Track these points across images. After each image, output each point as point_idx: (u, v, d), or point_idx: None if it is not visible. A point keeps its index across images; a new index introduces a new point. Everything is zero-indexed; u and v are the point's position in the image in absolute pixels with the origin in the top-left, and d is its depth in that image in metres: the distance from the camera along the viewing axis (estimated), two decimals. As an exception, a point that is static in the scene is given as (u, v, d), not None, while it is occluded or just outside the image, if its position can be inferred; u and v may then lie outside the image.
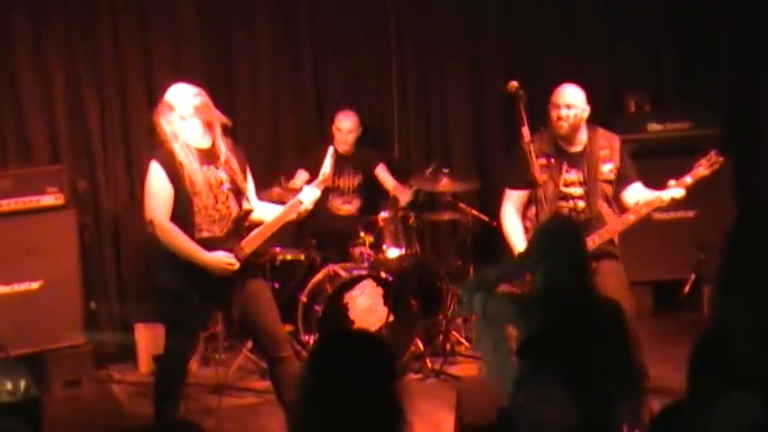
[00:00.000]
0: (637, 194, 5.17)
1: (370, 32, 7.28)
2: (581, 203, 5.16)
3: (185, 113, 4.75)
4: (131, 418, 5.66)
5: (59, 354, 6.03)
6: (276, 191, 6.20)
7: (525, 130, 4.94)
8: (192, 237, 4.74)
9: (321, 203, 6.67)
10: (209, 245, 4.76)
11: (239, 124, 6.95)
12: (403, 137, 7.37)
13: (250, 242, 4.88)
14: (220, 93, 6.78)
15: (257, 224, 4.96)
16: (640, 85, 7.30)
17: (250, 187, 4.99)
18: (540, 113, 5.24)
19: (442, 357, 6.29)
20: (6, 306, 5.81)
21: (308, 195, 4.96)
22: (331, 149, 5.11)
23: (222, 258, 4.76)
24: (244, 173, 4.94)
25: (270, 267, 6.22)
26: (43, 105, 6.47)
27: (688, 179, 5.02)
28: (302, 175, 6.70)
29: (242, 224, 4.92)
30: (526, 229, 5.17)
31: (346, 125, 6.75)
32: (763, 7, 6.91)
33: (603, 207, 5.17)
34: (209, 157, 4.81)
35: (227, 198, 4.83)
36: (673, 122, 6.91)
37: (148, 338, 6.34)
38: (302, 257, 6.50)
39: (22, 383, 5.02)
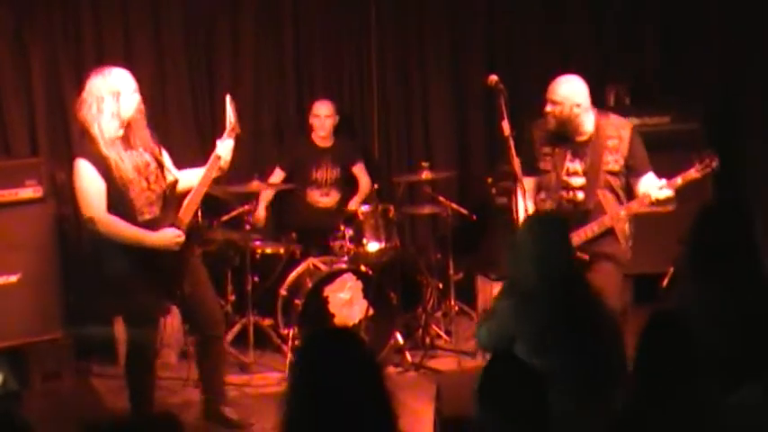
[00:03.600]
0: (647, 185, 5.00)
1: (352, 26, 7.25)
2: (580, 194, 5.03)
3: (123, 115, 4.80)
4: (111, 411, 5.65)
5: (39, 347, 6.00)
6: (255, 184, 6.20)
7: (505, 125, 4.89)
8: (136, 222, 4.81)
9: (300, 196, 6.69)
10: (153, 225, 4.85)
11: (220, 116, 6.94)
12: (382, 130, 7.36)
13: (186, 210, 4.96)
14: (202, 84, 6.80)
15: (188, 191, 5.02)
16: (623, 79, 7.25)
17: (167, 160, 5.05)
18: (525, 105, 5.20)
19: (422, 351, 6.30)
20: (-15, 299, 5.78)
21: (223, 148, 5.02)
22: (228, 98, 5.12)
23: (170, 235, 4.85)
24: (159, 148, 5.02)
25: (250, 260, 6.20)
26: (22, 97, 6.44)
27: (678, 180, 4.89)
28: (279, 174, 6.74)
29: (173, 196, 4.99)
30: None
31: (323, 110, 6.77)
32: (748, 3, 6.92)
33: (606, 198, 5.00)
34: (127, 142, 4.86)
35: (156, 178, 4.92)
36: (652, 116, 6.82)
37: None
38: (282, 251, 6.49)
39: (1, 377, 5.00)
